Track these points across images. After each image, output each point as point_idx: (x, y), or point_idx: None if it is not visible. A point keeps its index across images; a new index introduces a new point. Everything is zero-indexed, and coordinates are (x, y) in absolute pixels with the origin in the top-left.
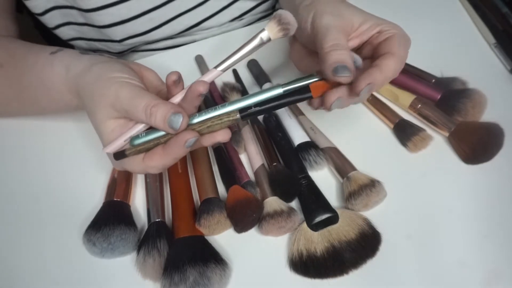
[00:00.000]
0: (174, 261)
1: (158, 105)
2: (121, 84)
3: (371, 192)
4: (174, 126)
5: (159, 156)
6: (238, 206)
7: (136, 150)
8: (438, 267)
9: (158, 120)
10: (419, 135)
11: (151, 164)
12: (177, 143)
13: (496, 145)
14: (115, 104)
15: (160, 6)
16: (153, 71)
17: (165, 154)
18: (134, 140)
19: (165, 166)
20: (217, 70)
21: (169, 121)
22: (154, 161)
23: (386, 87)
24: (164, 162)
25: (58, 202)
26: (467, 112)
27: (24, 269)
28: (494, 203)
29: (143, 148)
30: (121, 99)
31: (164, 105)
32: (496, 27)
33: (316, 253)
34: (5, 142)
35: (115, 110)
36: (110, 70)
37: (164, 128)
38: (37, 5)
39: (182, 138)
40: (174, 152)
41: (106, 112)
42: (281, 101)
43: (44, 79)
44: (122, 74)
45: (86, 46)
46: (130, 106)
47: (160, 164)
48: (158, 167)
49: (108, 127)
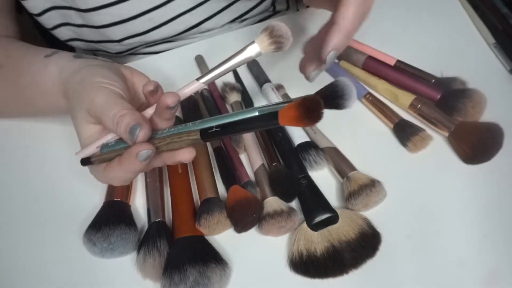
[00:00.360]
0: (174, 261)
1: (125, 114)
2: (98, 90)
3: (371, 192)
4: (132, 136)
5: (116, 168)
6: (238, 206)
7: (101, 159)
8: (438, 267)
9: (122, 130)
10: (419, 135)
11: (109, 175)
12: (130, 155)
13: (496, 145)
14: (90, 109)
15: (159, 6)
16: (145, 77)
17: (120, 166)
18: (103, 148)
19: (122, 179)
20: (198, 83)
21: (129, 131)
22: (112, 172)
23: (385, 87)
24: (120, 174)
25: (58, 202)
26: (467, 112)
27: (24, 269)
28: (494, 203)
29: (106, 157)
30: (95, 105)
31: (130, 115)
32: (496, 27)
33: (316, 253)
34: (5, 142)
35: (90, 116)
36: (94, 74)
37: (126, 138)
38: (35, 5)
39: (134, 150)
40: (128, 164)
41: (83, 116)
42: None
43: (39, 81)
44: (103, 79)
45: (84, 47)
46: (102, 113)
47: (117, 176)
48: (116, 178)
49: (86, 132)
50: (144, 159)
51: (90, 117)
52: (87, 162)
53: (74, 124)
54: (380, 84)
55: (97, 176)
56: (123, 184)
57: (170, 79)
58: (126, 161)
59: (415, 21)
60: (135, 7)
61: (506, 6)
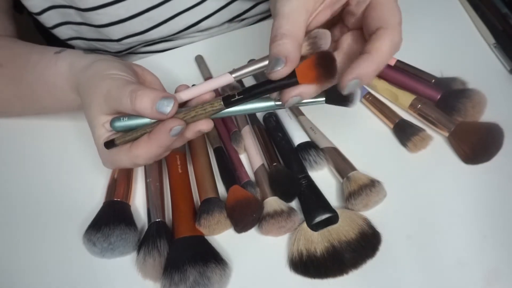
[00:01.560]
0: (174, 261)
1: (145, 89)
2: (114, 79)
3: (371, 192)
4: (163, 110)
5: (145, 144)
6: (238, 206)
7: (125, 140)
8: (438, 267)
9: (145, 104)
10: (419, 135)
11: (137, 153)
12: (163, 129)
13: (496, 145)
14: (106, 97)
15: (158, 5)
16: (156, 78)
17: (150, 142)
18: (115, 122)
19: (151, 155)
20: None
21: (158, 105)
22: (140, 149)
23: (385, 87)
24: (149, 150)
25: (58, 202)
26: (467, 112)
27: (24, 269)
28: (494, 203)
29: (131, 138)
30: (112, 89)
31: (152, 90)
32: (496, 27)
33: (316, 253)
34: (5, 142)
35: (106, 104)
36: (109, 67)
37: (151, 113)
38: (35, 4)
39: (168, 125)
40: (159, 140)
41: (99, 106)
42: (264, 87)
43: (47, 78)
44: (119, 72)
45: (84, 46)
46: (119, 93)
47: (146, 153)
48: (144, 156)
49: (100, 121)
50: (176, 134)
51: (106, 106)
52: (112, 145)
53: (88, 116)
54: (380, 84)
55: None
56: (147, 162)
57: (170, 79)
58: (158, 136)
59: (415, 21)
60: (133, 7)
61: (506, 6)
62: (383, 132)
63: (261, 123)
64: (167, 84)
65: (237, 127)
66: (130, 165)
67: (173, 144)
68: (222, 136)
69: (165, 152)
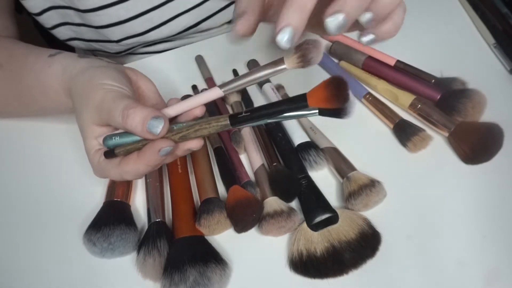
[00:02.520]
0: (174, 261)
1: (137, 107)
2: (108, 91)
3: (371, 192)
4: (153, 130)
5: (133, 162)
6: (238, 206)
7: (125, 151)
8: (438, 267)
9: (136, 123)
10: (419, 135)
11: (126, 169)
12: (152, 149)
13: (496, 145)
14: (98, 108)
15: (158, 6)
16: (151, 82)
17: (139, 160)
18: (107, 141)
19: (139, 172)
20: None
21: (148, 125)
22: (129, 166)
23: (385, 87)
24: (137, 168)
25: (58, 202)
26: (467, 112)
27: (24, 269)
28: (494, 203)
29: (130, 149)
30: (105, 102)
31: (144, 108)
32: (495, 27)
33: (316, 253)
34: (5, 142)
35: (98, 115)
36: (103, 76)
37: (141, 132)
38: (34, 5)
39: (157, 145)
40: (148, 159)
41: (90, 115)
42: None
43: (42, 80)
44: (113, 82)
45: (84, 47)
46: (111, 108)
47: (134, 170)
48: (132, 172)
49: (91, 133)
50: (165, 154)
51: (98, 117)
52: (111, 155)
53: (80, 124)
54: (380, 84)
55: (111, 171)
56: (136, 178)
57: (170, 79)
58: (147, 155)
59: (415, 21)
60: (133, 8)
61: (506, 6)
62: (383, 132)
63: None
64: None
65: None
66: (119, 179)
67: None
68: (222, 136)
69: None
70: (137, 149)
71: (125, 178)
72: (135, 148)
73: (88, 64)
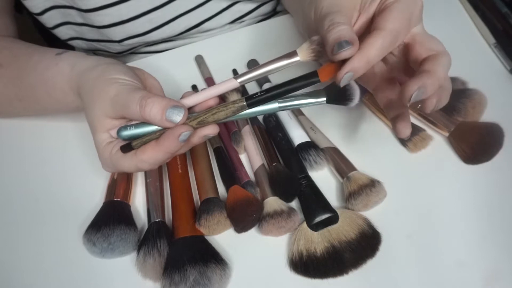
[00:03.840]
0: (174, 261)
1: (155, 96)
2: (122, 84)
3: (371, 192)
4: (173, 118)
5: (152, 149)
6: (238, 206)
7: (142, 142)
8: (438, 267)
9: (155, 111)
10: (419, 135)
11: (143, 158)
12: (172, 135)
13: (496, 145)
14: (113, 101)
15: (159, 7)
16: (157, 81)
17: (158, 148)
18: (122, 131)
19: (157, 160)
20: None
21: (168, 113)
22: (147, 154)
23: None
24: (156, 156)
25: (58, 202)
26: (467, 112)
27: (24, 269)
28: (494, 203)
29: (149, 139)
30: (120, 94)
31: (162, 98)
32: (496, 27)
33: (316, 253)
34: (5, 142)
35: (112, 108)
36: (114, 71)
37: (160, 120)
38: (36, 4)
39: (177, 131)
40: (167, 146)
41: (103, 108)
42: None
43: (47, 79)
44: (124, 77)
45: (85, 46)
46: (127, 99)
47: (152, 158)
48: (150, 161)
49: (103, 126)
50: (185, 139)
51: (112, 110)
52: (128, 148)
53: (90, 119)
54: None
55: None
56: (152, 167)
57: (170, 79)
58: (167, 142)
59: None
60: (134, 8)
61: (506, 6)
62: (383, 132)
63: (261, 123)
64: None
65: (237, 127)
66: (134, 170)
67: (179, 150)
68: (222, 136)
69: (171, 157)
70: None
71: (140, 168)
72: (153, 139)
73: (96, 61)
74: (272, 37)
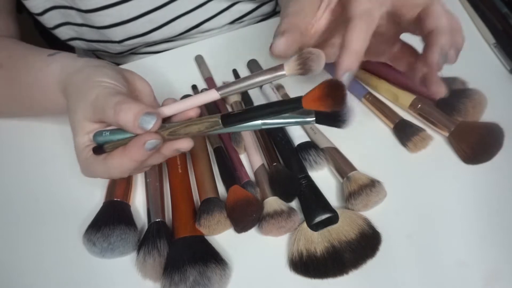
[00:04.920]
0: (174, 261)
1: (130, 102)
2: (104, 87)
3: (371, 192)
4: (145, 126)
5: (119, 155)
6: (238, 206)
7: (114, 145)
8: (438, 267)
9: (128, 118)
10: (419, 135)
11: (110, 164)
12: (137, 142)
13: (496, 145)
14: (93, 103)
15: (159, 7)
16: (147, 83)
17: (124, 154)
18: (97, 137)
19: (124, 167)
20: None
21: (140, 121)
22: (114, 160)
23: (386, 87)
24: (123, 163)
25: (58, 202)
26: (467, 112)
27: (23, 269)
28: (494, 203)
29: (120, 144)
30: (99, 98)
31: (137, 104)
32: (496, 27)
33: (316, 253)
34: (4, 142)
35: (92, 111)
36: (100, 74)
37: (133, 127)
38: (36, 5)
39: (143, 138)
40: (133, 153)
41: (84, 111)
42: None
43: (40, 80)
44: (109, 80)
45: (85, 47)
46: (104, 102)
47: (119, 164)
48: (118, 168)
49: (83, 129)
50: (151, 148)
51: (92, 113)
52: (100, 151)
53: (72, 122)
54: (380, 84)
55: (96, 168)
56: (121, 176)
57: (170, 79)
58: (132, 149)
59: None
60: (135, 9)
61: (506, 6)
62: (383, 132)
63: None
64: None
65: None
66: (106, 176)
67: (150, 160)
68: (222, 136)
69: (142, 167)
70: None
71: (111, 175)
72: (123, 144)
73: (85, 64)
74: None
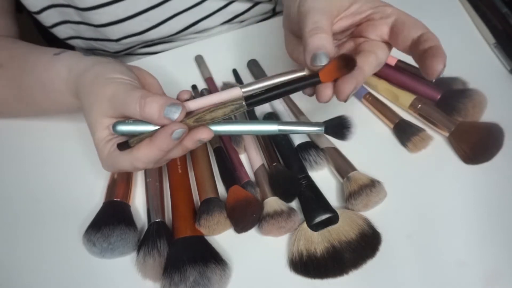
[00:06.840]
0: (174, 261)
1: (154, 95)
2: (120, 83)
3: (371, 192)
4: (171, 116)
5: (146, 146)
6: (238, 206)
7: (139, 139)
8: (438, 267)
9: (153, 110)
10: (419, 135)
11: (138, 155)
12: (165, 132)
13: (496, 145)
14: (112, 99)
15: (156, 5)
16: (154, 78)
17: (152, 144)
18: (117, 126)
19: (151, 158)
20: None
21: (166, 111)
22: (141, 152)
23: (386, 87)
24: (150, 154)
25: (58, 202)
26: (467, 112)
27: (24, 269)
28: (494, 203)
29: (145, 137)
30: (119, 93)
31: (161, 96)
32: (496, 27)
33: (316, 253)
34: (5, 142)
35: (111, 107)
36: (111, 71)
37: (158, 119)
38: (34, 3)
39: (170, 128)
40: (160, 143)
41: (102, 108)
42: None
43: (45, 80)
44: (122, 76)
45: (84, 45)
46: (126, 98)
47: (146, 156)
48: (144, 159)
49: (102, 124)
50: (177, 138)
51: (111, 109)
52: (125, 146)
53: (90, 121)
54: (380, 84)
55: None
56: (145, 167)
57: (169, 79)
58: (159, 139)
59: None
60: (131, 7)
61: (506, 6)
62: (383, 132)
63: None
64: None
65: None
66: (130, 169)
67: (173, 152)
68: (222, 136)
69: (165, 158)
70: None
71: (136, 167)
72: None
73: (93, 62)
74: (272, 37)
